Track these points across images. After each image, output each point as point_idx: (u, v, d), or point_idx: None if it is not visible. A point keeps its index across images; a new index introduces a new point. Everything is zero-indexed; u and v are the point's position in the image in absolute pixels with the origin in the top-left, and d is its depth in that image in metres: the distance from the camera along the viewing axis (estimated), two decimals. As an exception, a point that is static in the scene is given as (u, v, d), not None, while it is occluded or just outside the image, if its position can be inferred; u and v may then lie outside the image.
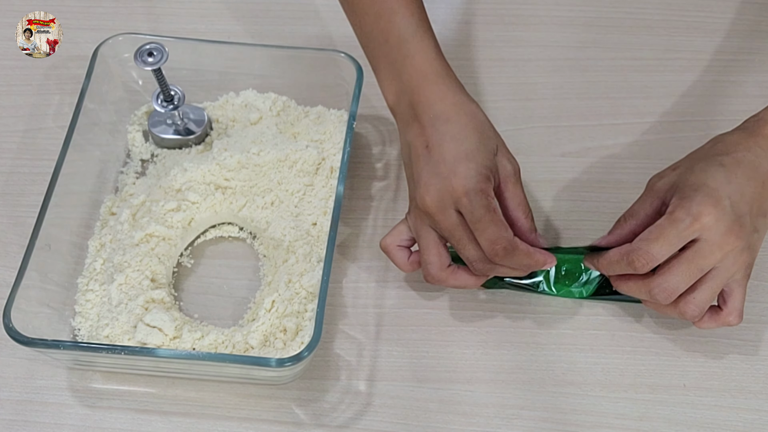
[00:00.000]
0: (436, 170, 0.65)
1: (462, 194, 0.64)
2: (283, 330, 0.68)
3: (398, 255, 0.69)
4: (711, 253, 0.63)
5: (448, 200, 0.65)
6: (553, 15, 0.91)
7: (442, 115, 0.67)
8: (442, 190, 0.65)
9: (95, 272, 0.72)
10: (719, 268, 0.64)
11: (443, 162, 0.65)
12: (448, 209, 0.65)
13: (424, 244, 0.67)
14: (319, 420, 0.68)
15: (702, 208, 0.63)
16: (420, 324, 0.72)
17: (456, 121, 0.66)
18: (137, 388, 0.69)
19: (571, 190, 0.79)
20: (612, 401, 0.68)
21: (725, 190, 0.63)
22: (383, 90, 0.71)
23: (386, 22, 0.69)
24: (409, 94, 0.68)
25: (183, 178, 0.75)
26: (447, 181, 0.64)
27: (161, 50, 0.74)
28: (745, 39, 0.88)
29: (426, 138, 0.66)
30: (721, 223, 0.63)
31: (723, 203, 0.63)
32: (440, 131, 0.66)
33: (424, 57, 0.68)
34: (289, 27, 0.89)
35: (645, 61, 0.87)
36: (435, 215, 0.65)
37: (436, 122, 0.66)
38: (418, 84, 0.68)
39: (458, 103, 0.67)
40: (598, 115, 0.84)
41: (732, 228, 0.63)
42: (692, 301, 0.65)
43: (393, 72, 0.69)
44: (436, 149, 0.66)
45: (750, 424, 0.67)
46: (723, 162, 0.65)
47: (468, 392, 0.69)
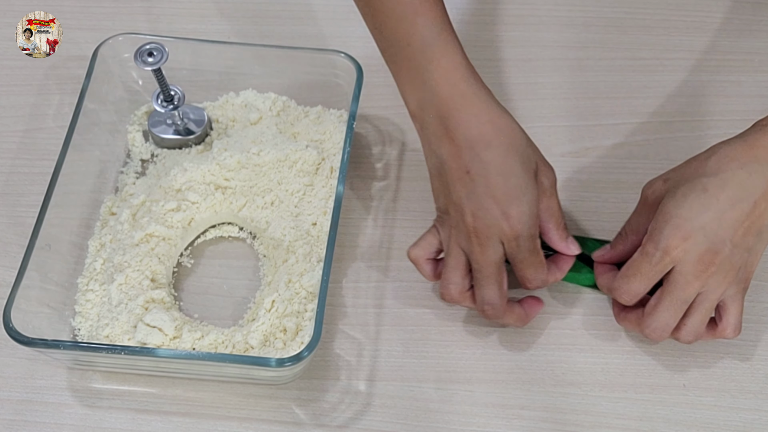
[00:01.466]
0: (483, 204, 0.64)
1: (512, 238, 0.64)
2: (283, 330, 0.68)
3: (427, 268, 0.69)
4: (687, 284, 0.63)
5: (495, 237, 0.64)
6: (553, 15, 0.91)
7: (481, 139, 0.64)
8: (491, 227, 0.64)
9: (95, 272, 0.72)
10: (704, 293, 0.64)
11: (492, 198, 0.64)
12: (492, 246, 0.65)
13: (453, 264, 0.67)
14: (319, 420, 0.68)
15: (669, 242, 0.63)
16: (420, 324, 0.72)
17: (497, 146, 0.64)
18: (137, 388, 0.69)
19: (571, 190, 0.79)
20: (612, 401, 0.68)
21: (699, 220, 0.62)
22: (404, 95, 0.68)
23: (409, 24, 0.65)
24: (436, 106, 0.65)
25: (183, 178, 0.75)
26: (498, 221, 0.64)
27: (161, 50, 0.74)
28: (744, 39, 0.89)
29: (465, 163, 0.64)
30: (691, 254, 0.63)
31: (693, 234, 0.62)
32: (482, 159, 0.64)
33: (450, 61, 0.65)
34: (289, 27, 0.89)
35: (644, 61, 0.87)
36: (475, 246, 0.65)
37: (475, 146, 0.64)
38: (446, 94, 0.65)
39: (494, 120, 0.65)
40: (598, 115, 0.84)
41: (703, 257, 0.62)
42: (685, 329, 0.66)
43: (417, 77, 0.66)
44: (480, 180, 0.64)
45: (750, 424, 0.68)
46: (707, 186, 0.63)
47: (468, 392, 0.69)
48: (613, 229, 0.76)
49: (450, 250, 0.67)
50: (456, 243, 0.66)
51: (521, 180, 0.64)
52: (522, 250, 0.65)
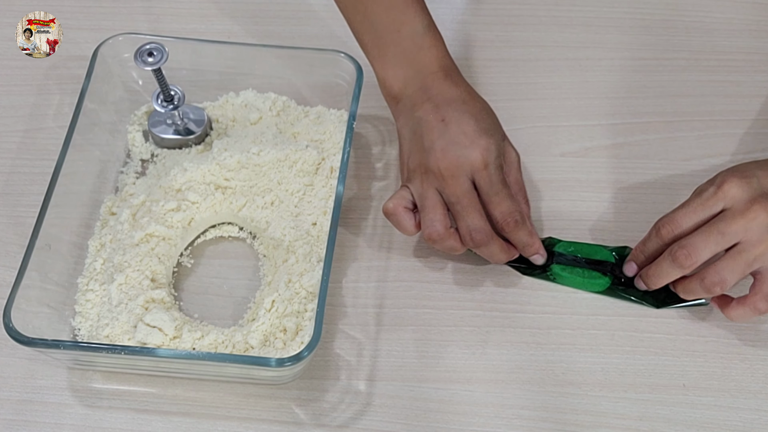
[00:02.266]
0: (454, 139, 0.68)
1: (482, 165, 0.67)
2: (283, 330, 0.68)
3: (405, 217, 0.70)
4: (733, 220, 0.64)
5: (465, 168, 0.68)
6: (552, 15, 0.91)
7: (458, 97, 0.70)
8: (460, 157, 0.68)
9: (95, 272, 0.72)
10: (744, 242, 0.64)
11: (463, 134, 0.68)
12: (463, 176, 0.68)
13: (431, 204, 0.69)
14: (319, 420, 0.68)
15: (726, 177, 0.65)
16: (420, 324, 0.72)
17: (472, 104, 0.70)
18: (137, 388, 0.69)
19: (571, 190, 0.79)
20: (612, 401, 0.68)
21: (754, 168, 0.65)
22: (386, 76, 0.73)
23: (399, 13, 0.71)
24: (421, 80, 0.71)
25: (183, 178, 0.75)
26: (467, 150, 0.68)
27: (161, 50, 0.74)
28: (744, 39, 0.89)
29: (442, 114, 0.69)
30: (745, 192, 0.64)
31: (749, 177, 0.65)
32: (458, 110, 0.69)
33: (439, 52, 0.72)
34: (289, 27, 0.89)
35: (644, 61, 0.87)
36: (448, 179, 0.68)
37: (452, 103, 0.70)
38: (433, 70, 0.71)
39: (471, 92, 0.72)
40: (598, 115, 0.84)
41: (756, 198, 0.64)
42: (713, 268, 0.65)
43: (404, 60, 0.72)
44: (454, 123, 0.69)
45: (750, 423, 0.68)
46: (756, 159, 0.68)
47: (468, 392, 0.69)
48: (612, 229, 0.76)
49: (424, 193, 0.69)
50: (429, 185, 0.69)
51: (491, 126, 0.70)
52: (494, 180, 0.68)
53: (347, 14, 0.74)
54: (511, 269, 0.74)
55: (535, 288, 0.74)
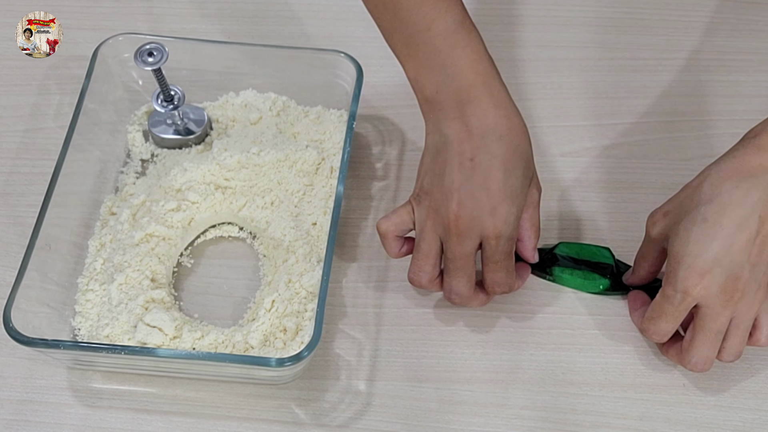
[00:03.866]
0: (476, 195, 0.63)
1: (493, 236, 0.64)
2: (283, 330, 0.68)
3: (393, 244, 0.68)
4: (717, 315, 0.63)
5: (476, 231, 0.64)
6: (552, 15, 0.91)
7: (495, 130, 0.64)
8: (475, 220, 0.63)
9: (95, 272, 0.72)
10: (738, 317, 0.64)
11: (486, 191, 0.63)
12: (470, 239, 0.64)
13: (426, 251, 0.66)
14: (319, 420, 0.68)
15: (687, 283, 0.62)
16: (420, 324, 0.72)
17: (508, 142, 0.64)
18: (137, 388, 0.69)
19: (571, 190, 0.79)
20: (612, 401, 0.69)
21: (710, 253, 0.61)
22: (418, 77, 0.66)
23: (431, 8, 0.64)
24: (455, 91, 0.64)
25: (183, 178, 0.75)
26: (485, 215, 0.63)
27: (161, 50, 0.74)
28: (744, 39, 0.89)
29: (472, 149, 0.63)
30: (712, 288, 0.62)
31: (708, 269, 0.62)
32: (490, 151, 0.63)
33: (475, 50, 0.65)
34: (289, 27, 0.89)
35: (644, 61, 0.87)
36: (454, 236, 0.64)
37: (486, 136, 0.63)
38: (469, 81, 0.64)
39: (510, 116, 0.65)
40: (598, 115, 0.84)
41: (726, 287, 0.62)
42: (726, 352, 0.66)
43: (435, 62, 0.65)
44: (481, 169, 0.63)
45: (750, 423, 0.68)
46: (706, 215, 0.62)
47: (468, 392, 0.69)
48: (612, 229, 0.76)
49: (424, 234, 0.66)
50: (432, 229, 0.66)
51: (519, 182, 0.64)
52: (499, 251, 0.65)
53: (376, 13, 0.67)
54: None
55: (535, 288, 0.74)
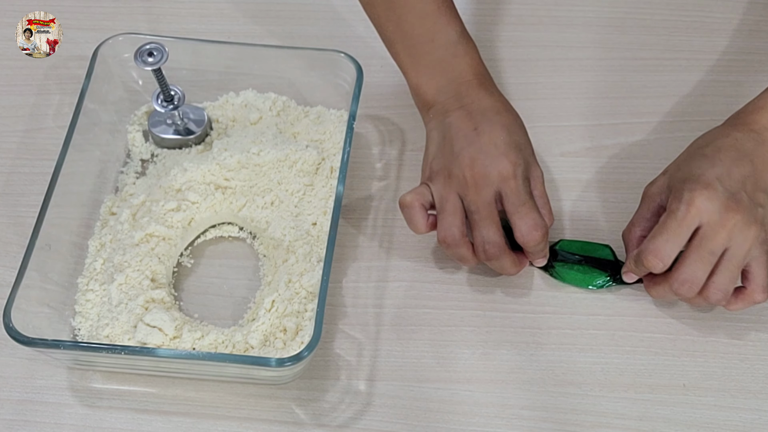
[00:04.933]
0: (484, 149, 0.68)
1: (511, 176, 0.67)
2: (283, 330, 0.68)
3: (419, 214, 0.70)
4: (716, 234, 0.64)
5: (492, 178, 0.68)
6: (552, 15, 0.91)
7: (492, 107, 0.71)
8: (488, 167, 0.67)
9: (95, 272, 0.72)
10: (731, 248, 0.65)
11: (494, 145, 0.68)
12: (488, 187, 0.68)
13: (450, 209, 0.69)
14: (319, 420, 0.68)
15: (693, 194, 0.65)
16: (420, 324, 0.72)
17: (506, 114, 0.71)
18: (137, 388, 0.69)
19: (571, 190, 0.79)
20: (612, 401, 0.68)
21: (712, 173, 0.65)
22: (419, 84, 0.73)
23: (432, 22, 0.71)
24: (455, 89, 0.71)
25: (183, 178, 0.75)
26: (496, 161, 0.68)
27: (161, 50, 0.74)
28: (744, 39, 0.89)
29: (475, 123, 0.69)
30: (716, 202, 0.64)
31: (713, 184, 0.65)
32: (491, 120, 0.70)
33: (472, 60, 0.73)
34: (289, 27, 0.89)
35: (644, 61, 0.87)
36: (472, 187, 0.68)
37: (486, 113, 0.70)
38: (468, 79, 0.72)
39: (505, 102, 0.72)
40: (598, 115, 0.84)
41: (728, 204, 0.64)
42: (713, 286, 0.66)
43: (438, 69, 0.72)
44: (486, 134, 0.69)
45: (750, 424, 0.68)
46: (704, 152, 0.68)
47: (468, 392, 0.69)
48: (612, 229, 0.76)
49: (446, 196, 0.69)
50: (451, 189, 0.69)
51: (523, 140, 0.71)
52: (521, 191, 0.68)
53: (378, 23, 0.74)
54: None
55: (535, 288, 0.74)
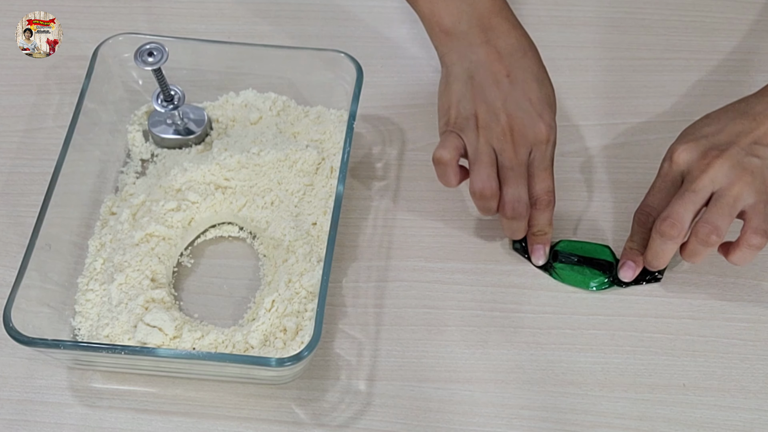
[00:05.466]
0: (522, 105, 0.69)
1: (545, 140, 0.69)
2: (283, 330, 0.68)
3: (455, 171, 0.70)
4: (697, 179, 0.66)
5: (530, 138, 0.69)
6: (552, 15, 0.91)
7: (520, 47, 0.70)
8: (527, 128, 0.69)
9: (95, 272, 0.72)
10: (720, 191, 0.66)
11: (529, 102, 0.69)
12: (525, 146, 0.69)
13: (486, 161, 0.69)
14: (319, 420, 0.68)
15: (675, 148, 0.68)
16: (420, 324, 0.72)
17: (532, 56, 0.71)
18: (137, 388, 0.69)
19: (571, 190, 0.79)
20: (612, 401, 0.69)
21: (700, 129, 0.69)
22: (434, 9, 0.71)
23: None
24: (476, 17, 0.70)
25: (183, 178, 0.75)
26: (535, 122, 0.69)
27: (161, 50, 0.74)
28: (744, 39, 0.89)
29: (506, 66, 0.69)
30: (695, 151, 0.67)
31: (694, 136, 0.69)
32: (522, 65, 0.70)
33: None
34: (289, 27, 0.89)
35: (644, 61, 0.87)
36: (510, 144, 0.69)
37: (514, 53, 0.70)
38: (487, 8, 0.70)
39: (527, 35, 0.72)
40: (598, 115, 0.84)
41: (707, 152, 0.66)
42: (701, 220, 0.66)
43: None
44: (520, 84, 0.69)
45: (750, 423, 0.68)
46: (709, 115, 0.71)
47: (468, 392, 0.69)
48: (612, 229, 0.76)
49: (481, 148, 0.69)
50: (487, 142, 0.69)
51: (550, 90, 0.72)
52: (548, 157, 0.70)
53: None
54: (512, 269, 0.74)
55: (535, 288, 0.74)
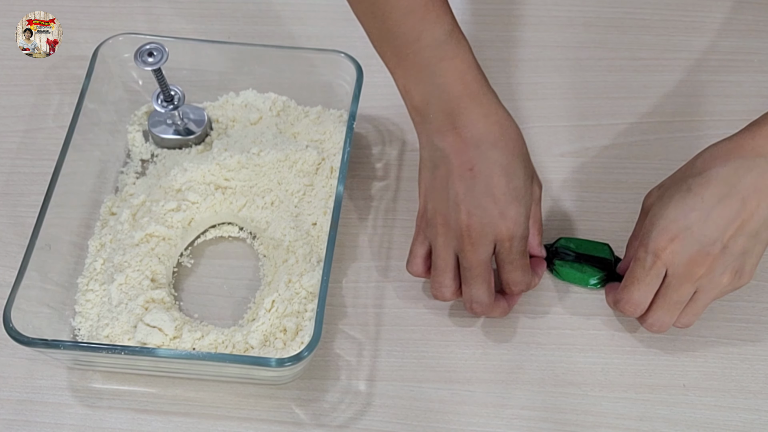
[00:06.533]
0: (482, 203, 0.64)
1: (507, 239, 0.65)
2: (283, 330, 0.68)
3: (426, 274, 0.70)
4: (680, 285, 0.64)
5: (489, 237, 0.64)
6: (552, 15, 0.91)
7: (488, 137, 0.64)
8: (486, 226, 0.64)
9: (95, 272, 0.72)
10: (700, 292, 0.65)
11: (492, 198, 0.64)
12: (484, 245, 0.65)
13: (443, 267, 0.67)
14: (319, 420, 0.68)
15: (658, 244, 0.63)
16: (420, 324, 0.72)
17: (503, 147, 0.64)
18: (137, 388, 0.69)
19: (571, 190, 0.79)
20: (612, 401, 0.68)
21: (685, 221, 0.62)
22: (407, 88, 0.66)
23: (418, 19, 0.64)
24: (445, 102, 0.64)
25: (183, 178, 0.75)
26: (495, 220, 0.64)
27: (161, 50, 0.74)
28: (744, 39, 0.89)
29: (470, 159, 0.64)
30: (681, 256, 0.63)
31: (679, 234, 0.62)
32: (488, 158, 0.64)
33: (463, 62, 0.65)
34: (289, 27, 0.89)
35: (644, 61, 0.87)
36: (468, 245, 0.65)
37: (481, 144, 0.64)
38: (457, 93, 0.64)
39: (501, 122, 0.65)
40: (598, 115, 0.84)
41: (695, 258, 0.62)
42: (683, 319, 0.67)
43: (424, 72, 0.65)
44: (482, 178, 0.64)
45: (750, 424, 0.68)
46: (691, 186, 0.63)
47: (468, 392, 0.69)
48: (612, 229, 0.76)
49: (439, 251, 0.67)
50: (445, 244, 0.66)
51: (522, 183, 0.65)
52: (514, 252, 0.66)
53: (364, 21, 0.67)
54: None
55: (535, 288, 0.73)
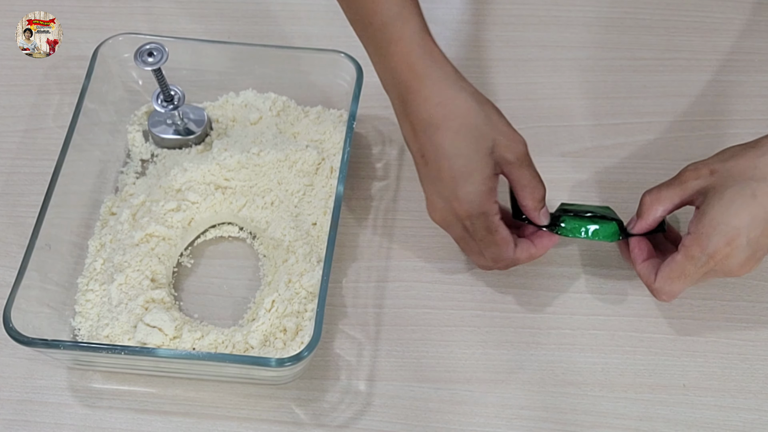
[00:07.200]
0: (437, 189, 0.66)
1: (465, 218, 0.66)
2: (283, 330, 0.68)
3: None
4: (714, 276, 0.65)
5: (452, 219, 0.67)
6: (552, 15, 0.91)
7: (431, 122, 0.64)
8: (445, 211, 0.67)
9: (95, 272, 0.72)
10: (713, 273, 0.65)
11: (441, 182, 0.65)
12: (454, 225, 0.67)
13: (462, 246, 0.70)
14: (319, 420, 0.68)
15: (717, 248, 0.63)
16: (420, 324, 0.72)
17: (445, 129, 0.64)
18: (137, 388, 0.69)
19: (571, 190, 0.79)
20: (612, 401, 0.68)
21: (746, 230, 0.62)
22: (377, 72, 0.67)
23: (371, 2, 0.64)
24: (397, 87, 0.66)
25: (183, 178, 0.75)
26: (449, 204, 0.66)
27: (161, 50, 0.74)
28: (744, 39, 0.89)
29: (420, 146, 0.66)
30: (735, 259, 0.63)
31: (737, 239, 0.62)
32: (433, 142, 0.64)
33: (408, 43, 0.64)
34: (289, 27, 0.89)
35: (644, 61, 0.87)
36: (445, 226, 0.68)
37: (427, 129, 0.65)
38: (404, 76, 0.65)
39: (445, 102, 0.64)
40: (598, 115, 0.84)
41: (745, 263, 0.64)
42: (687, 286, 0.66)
43: (379, 57, 0.66)
44: (432, 163, 0.65)
45: (750, 424, 0.68)
46: (756, 192, 0.62)
47: (468, 392, 0.69)
48: (613, 229, 0.76)
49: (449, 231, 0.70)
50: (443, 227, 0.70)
51: (468, 161, 0.64)
52: (477, 229, 0.66)
53: (344, 12, 0.68)
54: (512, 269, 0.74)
55: (535, 288, 0.74)
